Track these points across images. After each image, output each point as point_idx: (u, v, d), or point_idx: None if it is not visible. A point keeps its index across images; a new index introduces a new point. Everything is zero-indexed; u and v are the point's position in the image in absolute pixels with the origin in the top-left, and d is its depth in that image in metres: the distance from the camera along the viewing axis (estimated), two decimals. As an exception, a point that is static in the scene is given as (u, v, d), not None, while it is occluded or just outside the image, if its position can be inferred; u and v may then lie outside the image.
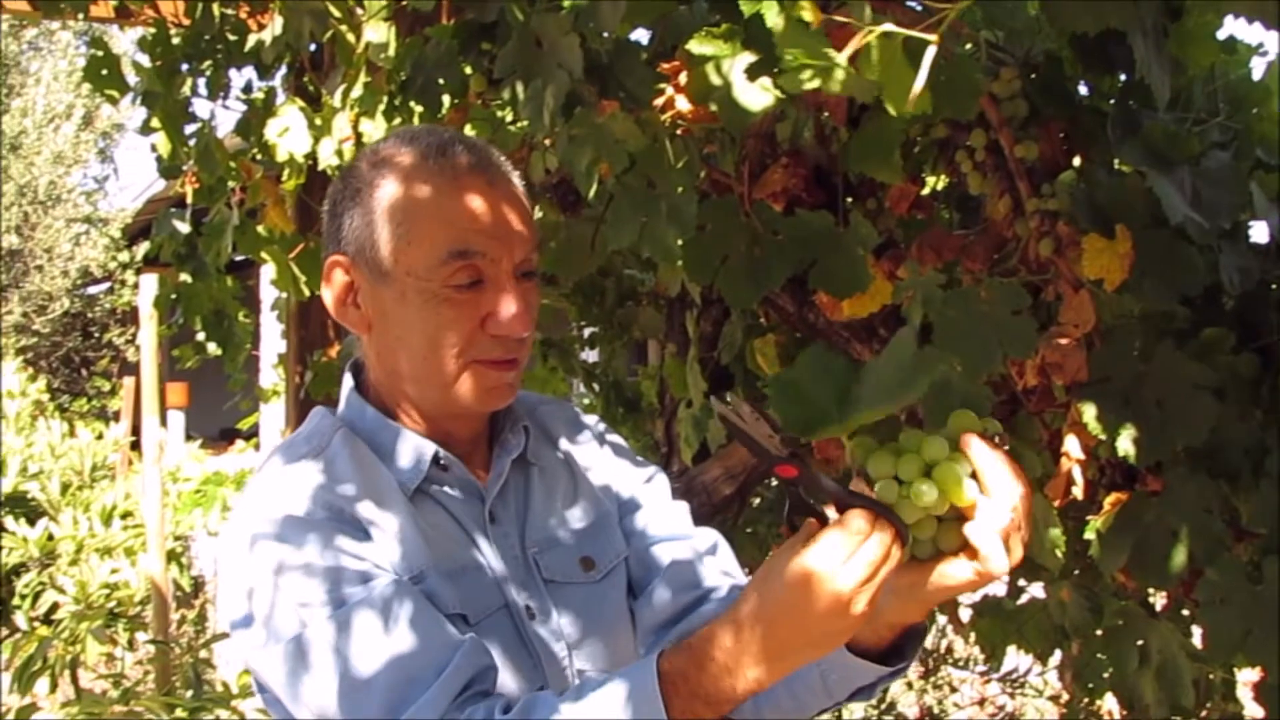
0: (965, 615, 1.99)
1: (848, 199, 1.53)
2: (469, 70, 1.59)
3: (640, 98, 1.33)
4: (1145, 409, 1.21)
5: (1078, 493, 1.28)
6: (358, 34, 1.90)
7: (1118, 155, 1.28)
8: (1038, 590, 1.89)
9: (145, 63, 2.25)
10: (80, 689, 3.34)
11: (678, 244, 1.34)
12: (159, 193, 8.02)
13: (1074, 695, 2.62)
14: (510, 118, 1.67)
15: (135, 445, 6.25)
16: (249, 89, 2.31)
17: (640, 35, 1.53)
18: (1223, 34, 1.29)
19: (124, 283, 12.41)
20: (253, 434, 7.22)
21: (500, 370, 1.06)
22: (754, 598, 0.87)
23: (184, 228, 2.48)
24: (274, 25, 2.00)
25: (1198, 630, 1.43)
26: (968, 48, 1.33)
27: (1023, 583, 1.94)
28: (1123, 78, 1.35)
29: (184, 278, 2.54)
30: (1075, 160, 1.37)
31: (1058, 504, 1.30)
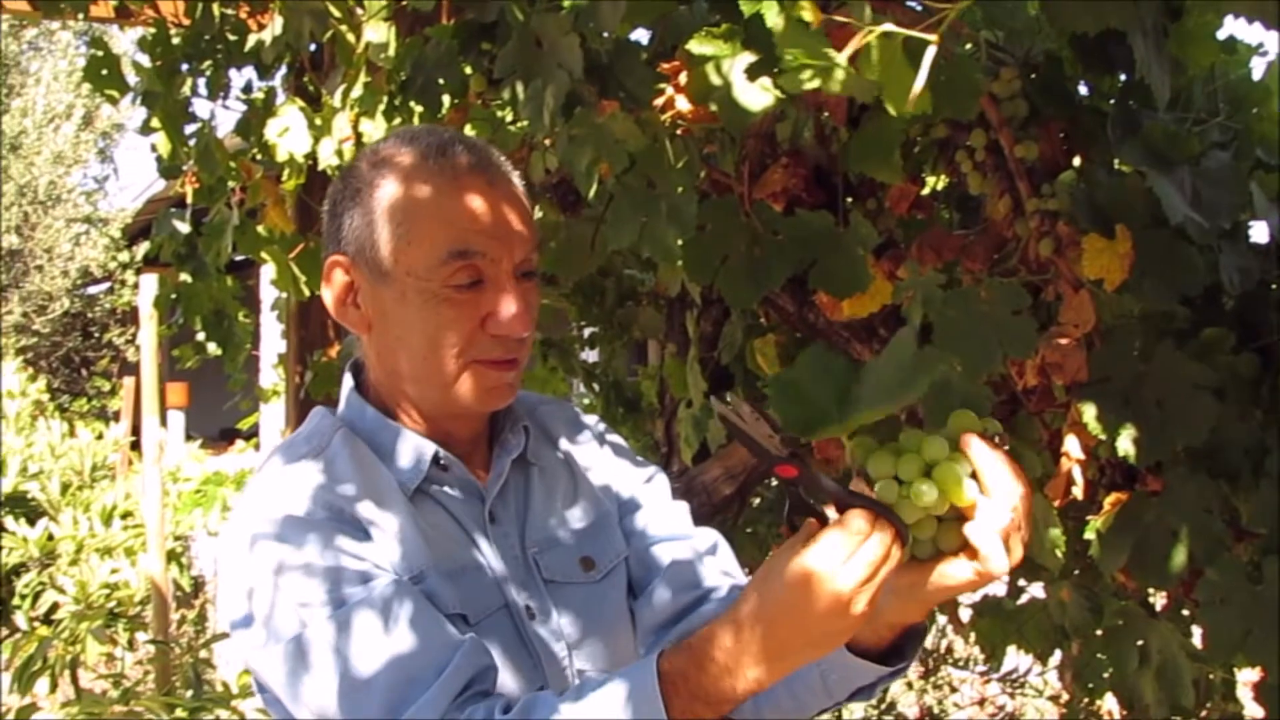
0: (965, 615, 1.99)
1: (848, 199, 1.53)
2: (469, 70, 1.59)
3: (640, 98, 1.33)
4: (1145, 409, 1.21)
5: (1078, 493, 1.28)
6: (358, 34, 1.90)
7: (1118, 155, 1.28)
8: (1038, 590, 1.89)
9: (145, 63, 2.25)
10: (80, 689, 3.34)
11: (678, 244, 1.34)
12: (159, 193, 8.02)
13: (1074, 695, 2.62)
14: (510, 118, 1.67)
15: (135, 445, 6.25)
16: (249, 89, 2.31)
17: (640, 35, 1.53)
18: (1223, 34, 1.30)
19: (124, 283, 12.41)
20: (253, 434, 7.22)
21: (500, 370, 1.06)
22: (754, 598, 0.87)
23: (184, 228, 2.48)
24: (274, 25, 2.00)
25: (1198, 630, 1.43)
26: (968, 48, 1.33)
27: (1023, 583, 1.94)
28: (1123, 78, 1.35)
29: (184, 278, 2.54)
30: (1075, 160, 1.37)
31: (1058, 504, 1.30)
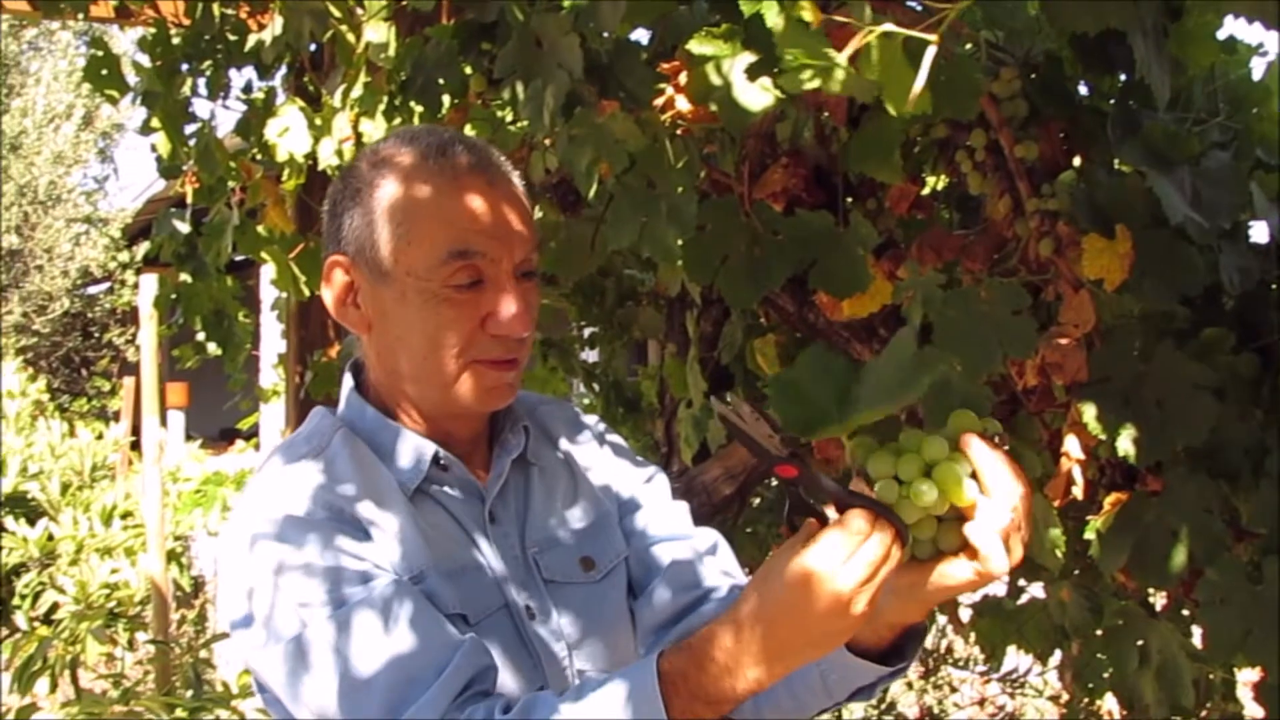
0: (965, 615, 1.99)
1: (848, 199, 1.53)
2: (469, 70, 1.59)
3: (640, 98, 1.33)
4: (1145, 409, 1.21)
5: (1078, 493, 1.28)
6: (358, 34, 1.90)
7: (1118, 155, 1.28)
8: (1038, 590, 1.89)
9: (145, 63, 2.25)
10: (80, 689, 3.34)
11: (678, 244, 1.34)
12: (159, 193, 8.02)
13: (1074, 695, 2.62)
14: (510, 118, 1.67)
15: (135, 445, 6.25)
16: (249, 89, 2.31)
17: (640, 35, 1.53)
18: (1223, 34, 1.29)
19: (124, 283, 12.41)
20: (253, 434, 7.22)
21: (500, 370, 1.06)
22: (754, 598, 0.87)
23: (184, 228, 2.48)
24: (274, 25, 2.00)
25: (1198, 630, 1.43)
26: (968, 48, 1.33)
27: (1023, 583, 1.94)
28: (1123, 78, 1.34)
29: (184, 278, 2.54)
30: (1075, 160, 1.37)
31: (1058, 504, 1.30)
